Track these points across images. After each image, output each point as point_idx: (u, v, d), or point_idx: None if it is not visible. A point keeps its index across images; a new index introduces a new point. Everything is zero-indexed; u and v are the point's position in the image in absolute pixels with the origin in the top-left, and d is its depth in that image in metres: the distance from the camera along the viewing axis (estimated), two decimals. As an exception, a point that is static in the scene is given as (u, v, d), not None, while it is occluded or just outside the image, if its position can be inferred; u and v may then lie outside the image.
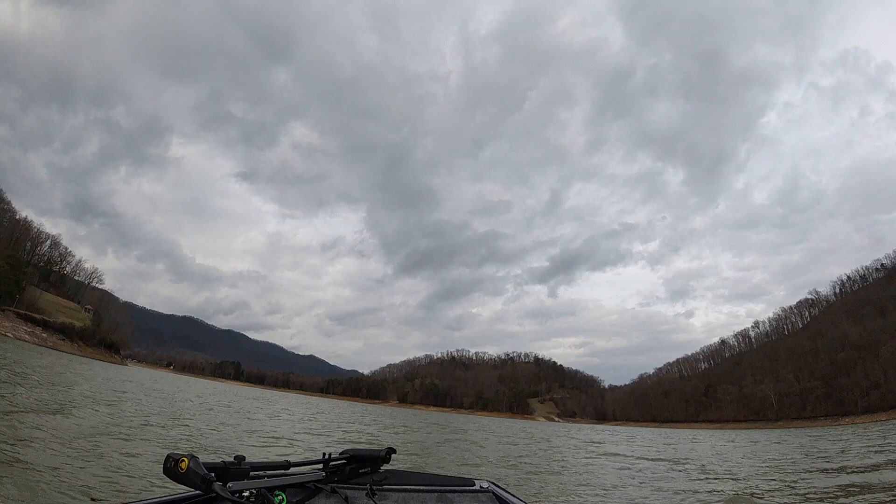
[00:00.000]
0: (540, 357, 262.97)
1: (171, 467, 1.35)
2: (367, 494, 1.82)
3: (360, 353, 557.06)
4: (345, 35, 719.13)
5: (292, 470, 1.85)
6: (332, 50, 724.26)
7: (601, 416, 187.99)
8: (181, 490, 1.53)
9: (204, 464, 1.36)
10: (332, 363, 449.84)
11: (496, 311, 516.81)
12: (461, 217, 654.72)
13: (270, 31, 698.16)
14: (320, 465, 1.99)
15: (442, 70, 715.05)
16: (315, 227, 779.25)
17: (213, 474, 1.36)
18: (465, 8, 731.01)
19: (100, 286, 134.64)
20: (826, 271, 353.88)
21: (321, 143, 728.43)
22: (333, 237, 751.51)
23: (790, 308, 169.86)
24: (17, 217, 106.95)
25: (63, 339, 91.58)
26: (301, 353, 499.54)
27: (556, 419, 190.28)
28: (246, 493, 1.44)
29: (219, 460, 1.48)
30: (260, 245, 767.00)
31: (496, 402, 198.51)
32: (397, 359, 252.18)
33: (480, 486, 2.10)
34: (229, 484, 1.40)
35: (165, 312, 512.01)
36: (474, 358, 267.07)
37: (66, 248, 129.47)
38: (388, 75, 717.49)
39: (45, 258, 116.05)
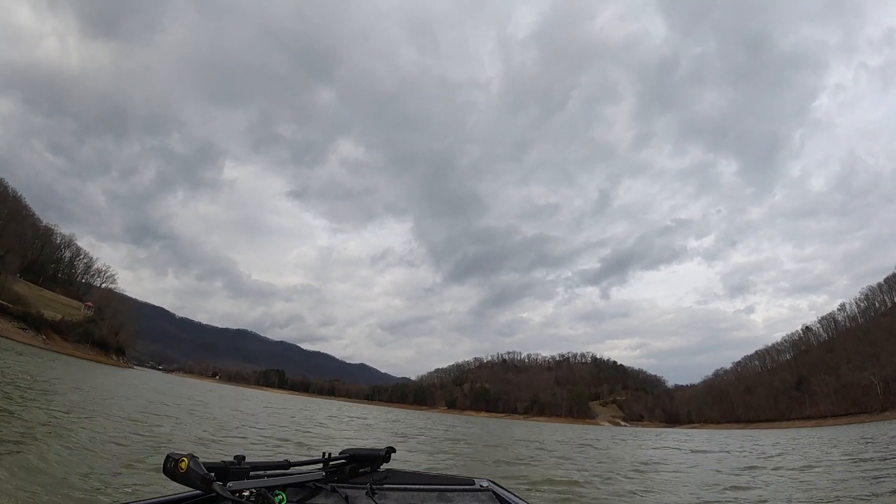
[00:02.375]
0: (598, 357, 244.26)
1: (171, 467, 1.33)
2: (367, 494, 1.80)
3: (411, 362, 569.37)
4: (384, 50, 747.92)
5: (292, 469, 1.83)
6: (372, 65, 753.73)
7: (672, 419, 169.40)
8: (181, 490, 1.51)
9: (204, 463, 1.35)
10: (382, 371, 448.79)
11: (547, 315, 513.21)
12: (509, 222, 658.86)
13: (312, 52, 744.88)
14: (320, 465, 1.96)
15: (482, 76, 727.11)
16: (364, 240, 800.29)
17: (213, 474, 1.35)
18: (502, 12, 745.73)
19: (111, 286, 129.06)
20: (889, 257, 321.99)
21: (367, 158, 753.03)
22: (382, 248, 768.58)
23: (877, 286, 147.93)
24: (40, 224, 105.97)
25: (23, 329, 77.91)
26: (352, 363, 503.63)
27: (623, 423, 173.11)
28: (246, 493, 1.42)
29: (219, 460, 1.47)
30: (312, 259, 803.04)
31: (553, 407, 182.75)
32: (447, 365, 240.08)
33: (480, 486, 2.07)
34: (229, 484, 1.39)
35: (220, 326, 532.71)
36: (526, 360, 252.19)
37: (81, 249, 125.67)
38: (429, 86, 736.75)
39: (55, 257, 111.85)
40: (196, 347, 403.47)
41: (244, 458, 1.55)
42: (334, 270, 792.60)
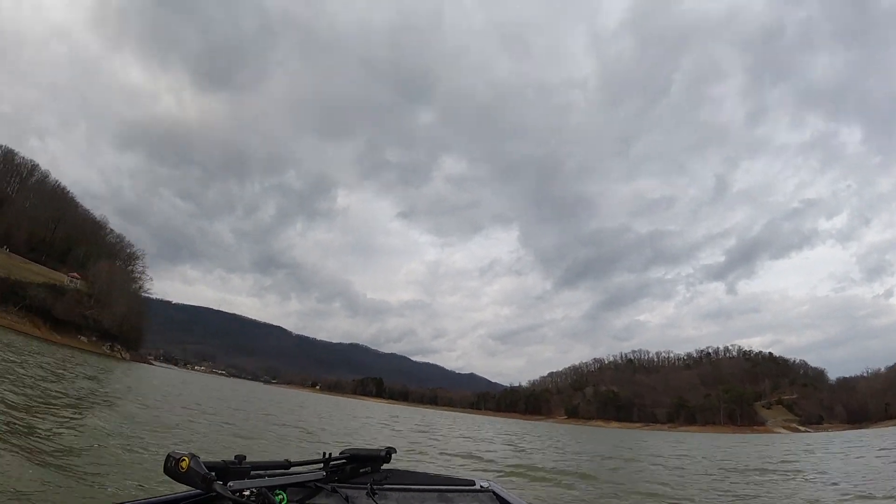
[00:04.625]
0: (748, 350, 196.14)
1: (172, 466, 1.32)
2: (367, 494, 1.78)
3: (522, 371, 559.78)
4: (479, 64, 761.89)
5: (293, 469, 1.81)
6: (468, 81, 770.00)
7: (857, 418, 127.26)
8: (182, 489, 1.50)
9: (205, 463, 1.34)
10: (493, 381, 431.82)
11: (668, 316, 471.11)
12: (620, 220, 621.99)
13: (410, 77, 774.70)
14: (321, 465, 1.95)
15: (577, 75, 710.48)
16: (470, 252, 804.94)
17: (213, 473, 1.34)
18: (590, 6, 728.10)
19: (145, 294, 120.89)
20: None
21: (471, 172, 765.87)
22: (489, 259, 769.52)
23: None
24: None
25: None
26: (462, 372, 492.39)
27: (802, 428, 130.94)
28: (247, 493, 1.41)
29: (219, 460, 1.46)
30: (421, 275, 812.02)
31: (707, 412, 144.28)
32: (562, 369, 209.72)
33: (481, 486, 2.06)
34: (230, 483, 1.39)
35: (334, 342, 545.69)
36: (656, 359, 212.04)
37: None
38: (526, 93, 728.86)
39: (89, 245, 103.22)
40: (311, 362, 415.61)
41: (245, 457, 1.54)
42: (443, 284, 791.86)
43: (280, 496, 1.49)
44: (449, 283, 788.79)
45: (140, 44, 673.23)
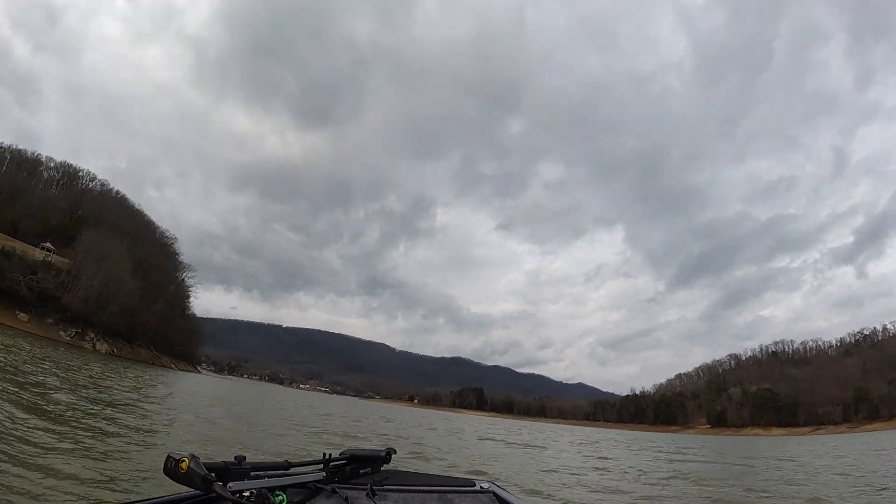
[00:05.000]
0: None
1: (172, 467, 1.31)
2: (367, 495, 1.78)
3: (635, 378, 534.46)
4: (565, 63, 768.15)
5: (293, 470, 1.81)
6: (557, 82, 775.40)
7: None
8: (182, 490, 1.49)
9: (204, 464, 1.33)
10: (604, 390, 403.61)
11: (794, 309, 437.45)
12: (735, 209, 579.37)
13: (498, 87, 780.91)
14: (321, 466, 1.94)
15: (670, 58, 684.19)
16: (573, 257, 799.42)
17: (213, 474, 1.33)
18: None
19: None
20: None
21: (569, 175, 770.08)
22: (594, 263, 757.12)
23: None
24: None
25: None
26: (569, 383, 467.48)
27: None
28: (246, 493, 1.41)
29: (219, 460, 1.45)
30: (521, 284, 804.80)
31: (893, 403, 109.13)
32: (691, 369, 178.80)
33: (481, 487, 2.05)
34: (230, 484, 1.38)
35: (436, 356, 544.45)
36: (803, 349, 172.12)
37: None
38: (619, 86, 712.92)
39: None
40: (414, 377, 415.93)
41: (245, 458, 1.53)
42: (544, 292, 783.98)
43: (280, 497, 1.47)
44: (551, 291, 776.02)
45: (242, 92, 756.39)
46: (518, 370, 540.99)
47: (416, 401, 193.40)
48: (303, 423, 22.05)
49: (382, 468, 2.10)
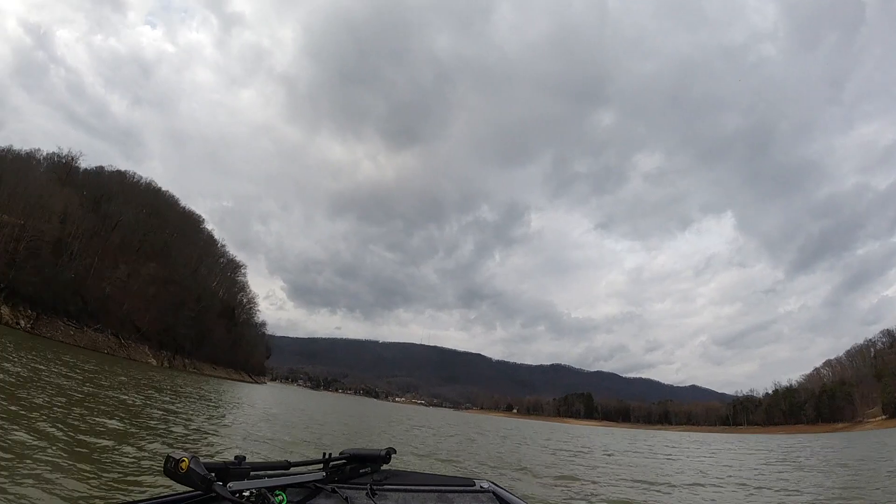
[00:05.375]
0: None
1: (172, 467, 1.31)
2: (367, 494, 1.78)
3: (752, 377, 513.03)
4: (652, 47, 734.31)
5: (292, 470, 1.81)
6: (645, 68, 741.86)
7: None
8: (182, 490, 1.49)
9: (204, 464, 1.33)
10: (719, 391, 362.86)
11: None
12: (851, 180, 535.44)
13: (583, 82, 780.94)
14: (320, 466, 1.94)
15: (762, 26, 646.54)
16: (678, 251, 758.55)
17: (213, 474, 1.33)
18: None
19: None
20: None
21: (669, 163, 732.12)
22: (702, 255, 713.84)
23: None
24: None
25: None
26: (681, 386, 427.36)
27: None
28: (246, 493, 1.42)
29: (219, 460, 1.45)
30: (623, 285, 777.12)
31: None
32: (796, 374, 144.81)
33: (481, 487, 2.06)
34: (230, 484, 1.38)
35: (534, 364, 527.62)
36: None
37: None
38: (713, 62, 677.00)
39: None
40: (512, 386, 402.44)
41: (244, 458, 1.52)
42: (648, 291, 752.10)
43: (280, 497, 1.48)
44: (656, 290, 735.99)
45: (334, 122, 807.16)
46: (624, 375, 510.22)
47: (515, 410, 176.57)
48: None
49: (382, 468, 2.08)
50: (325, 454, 1.96)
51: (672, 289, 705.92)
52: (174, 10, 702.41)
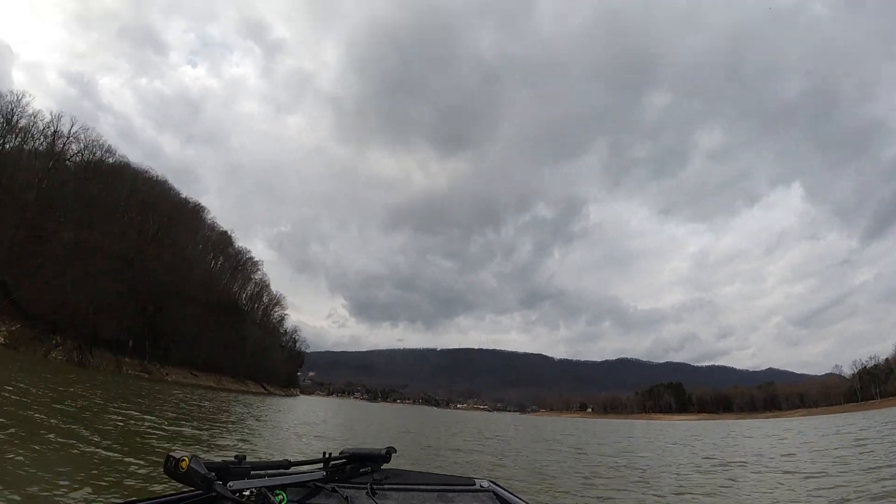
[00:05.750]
0: None
1: (172, 467, 1.31)
2: (367, 494, 1.77)
3: (829, 356, 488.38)
4: (699, 19, 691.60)
5: (292, 469, 1.80)
6: (695, 41, 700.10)
7: None
8: (182, 489, 1.50)
9: (205, 463, 1.33)
10: (798, 372, 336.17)
11: None
12: None
13: (633, 64, 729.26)
14: (320, 465, 1.93)
15: None
16: (744, 229, 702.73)
17: (213, 474, 1.33)
18: None
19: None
20: None
21: (731, 137, 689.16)
22: (771, 231, 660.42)
23: None
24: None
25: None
26: (758, 370, 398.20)
27: None
28: (246, 493, 1.41)
29: (219, 459, 1.44)
30: (686, 271, 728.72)
31: None
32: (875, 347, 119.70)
33: (481, 486, 2.06)
34: (230, 483, 1.38)
35: (599, 360, 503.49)
36: None
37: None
38: (763, 27, 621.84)
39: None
40: (578, 384, 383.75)
41: (245, 457, 1.53)
42: (714, 274, 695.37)
43: (280, 496, 1.47)
44: (724, 272, 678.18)
45: (383, 135, 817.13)
46: (695, 364, 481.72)
47: (590, 409, 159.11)
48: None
49: (382, 467, 2.07)
50: (325, 453, 1.94)
51: (740, 270, 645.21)
52: (215, 46, 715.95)
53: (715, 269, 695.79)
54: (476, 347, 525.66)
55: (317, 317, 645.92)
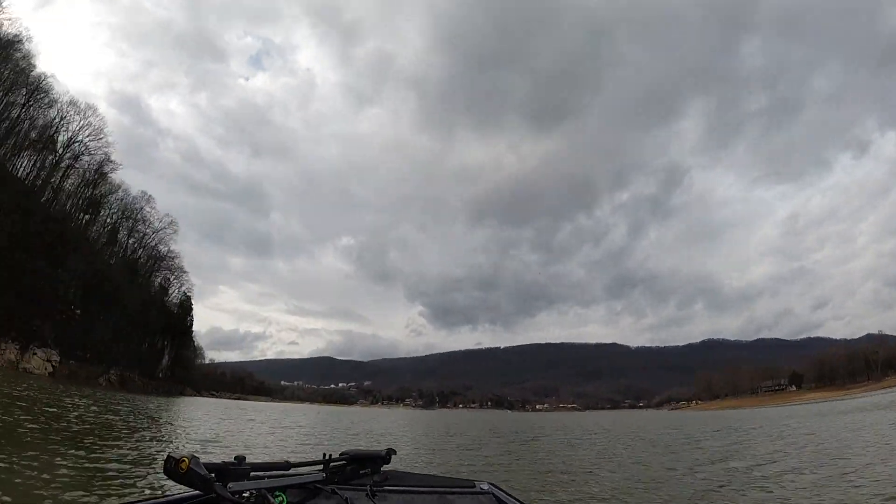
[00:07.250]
0: None
1: (172, 468, 1.30)
2: (367, 495, 1.77)
3: None
4: None
5: (292, 471, 1.78)
6: None
7: None
8: (181, 490, 1.48)
9: (204, 464, 1.33)
10: None
11: None
12: None
13: (727, 12, 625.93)
14: (320, 466, 1.92)
15: None
16: (835, 186, 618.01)
17: (213, 475, 1.33)
18: None
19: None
20: None
21: (848, 79, 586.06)
22: (868, 182, 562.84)
23: None
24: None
25: None
26: (854, 338, 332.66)
27: None
28: (246, 494, 1.40)
29: (219, 461, 1.44)
30: (775, 238, 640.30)
31: None
32: None
33: (481, 488, 2.07)
34: (230, 484, 1.37)
35: (682, 345, 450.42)
36: None
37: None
38: None
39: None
40: (661, 371, 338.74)
41: (245, 458, 1.52)
42: (804, 240, 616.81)
43: (280, 497, 1.47)
44: (812, 237, 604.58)
45: (471, 116, 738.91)
46: (790, 339, 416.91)
47: (726, 397, 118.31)
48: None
49: (382, 469, 2.05)
50: (325, 455, 1.93)
51: (829, 232, 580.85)
52: (274, 48, 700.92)
53: (804, 234, 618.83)
54: (543, 342, 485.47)
55: (395, 329, 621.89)
